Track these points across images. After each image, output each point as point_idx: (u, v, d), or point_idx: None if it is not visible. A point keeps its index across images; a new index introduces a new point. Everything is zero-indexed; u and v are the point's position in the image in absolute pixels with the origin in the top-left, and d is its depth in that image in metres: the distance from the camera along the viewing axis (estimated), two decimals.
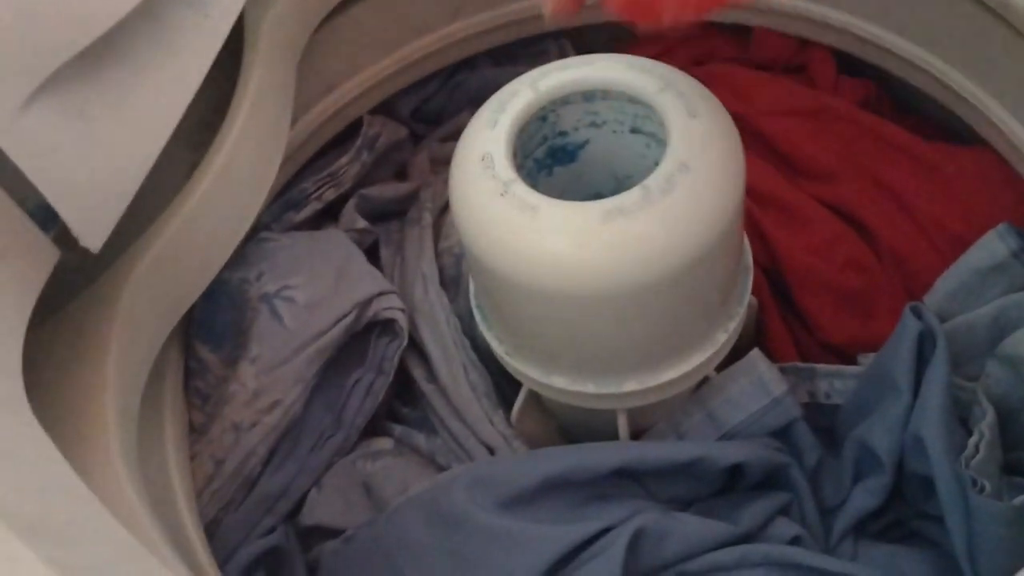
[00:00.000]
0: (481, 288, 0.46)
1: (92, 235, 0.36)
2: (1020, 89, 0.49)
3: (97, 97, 0.35)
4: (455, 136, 0.44)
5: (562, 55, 0.66)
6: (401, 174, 0.65)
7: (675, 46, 0.63)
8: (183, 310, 0.47)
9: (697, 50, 0.63)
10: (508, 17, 0.62)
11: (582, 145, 0.47)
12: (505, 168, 0.40)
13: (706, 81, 0.61)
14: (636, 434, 0.49)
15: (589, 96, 0.44)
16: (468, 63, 0.65)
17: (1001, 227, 0.48)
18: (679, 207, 0.39)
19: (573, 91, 0.43)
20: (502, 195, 0.40)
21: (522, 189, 0.39)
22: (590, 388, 0.44)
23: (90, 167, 0.35)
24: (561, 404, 0.47)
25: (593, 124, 0.46)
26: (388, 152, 0.63)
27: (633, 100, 0.43)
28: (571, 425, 0.54)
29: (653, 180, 0.39)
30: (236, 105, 0.48)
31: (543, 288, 0.40)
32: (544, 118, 0.44)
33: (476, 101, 0.66)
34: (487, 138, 0.41)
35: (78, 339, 0.41)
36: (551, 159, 0.47)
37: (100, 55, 0.35)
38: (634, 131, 0.45)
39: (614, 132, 0.46)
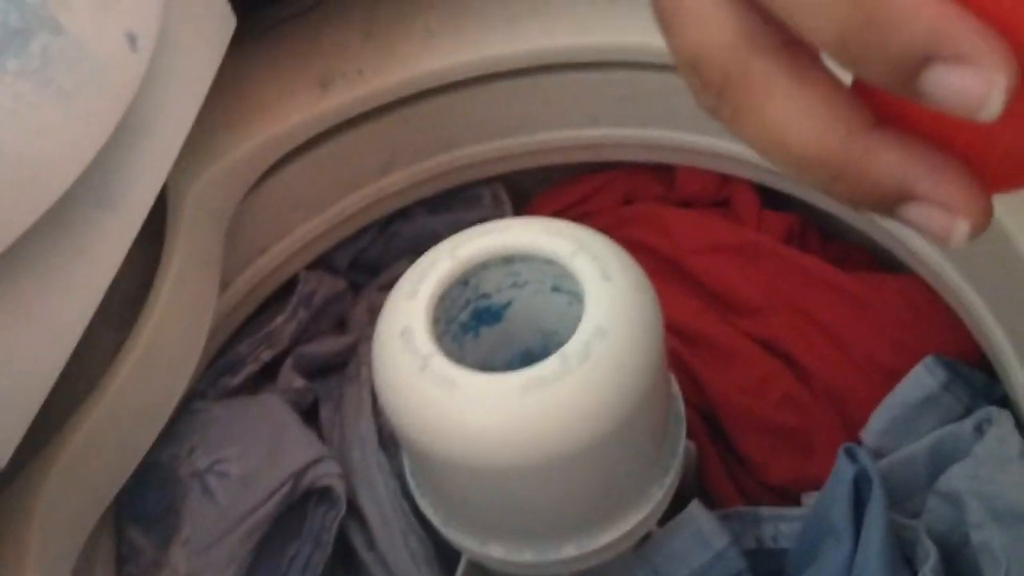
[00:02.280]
0: (410, 459, 0.46)
1: None
2: None
3: None
4: (393, 285, 0.44)
5: (495, 200, 0.67)
6: (340, 326, 0.65)
7: (603, 187, 0.64)
8: (110, 497, 0.45)
9: (624, 189, 0.64)
10: (440, 168, 0.63)
11: (506, 305, 0.47)
12: (424, 342, 0.40)
13: (633, 220, 0.62)
14: None
15: (508, 259, 0.44)
16: (403, 212, 0.66)
17: (928, 360, 0.48)
18: (598, 373, 0.38)
19: (492, 256, 0.44)
20: (421, 370, 0.39)
21: (441, 364, 0.39)
22: (528, 557, 0.43)
23: None
24: (500, 573, 0.46)
25: (515, 285, 0.46)
26: (326, 306, 0.63)
27: (550, 262, 0.43)
28: None
29: (571, 347, 0.39)
30: (159, 283, 0.48)
31: (468, 463, 0.39)
32: (466, 283, 0.45)
33: (413, 249, 0.67)
34: (406, 311, 0.41)
35: None
36: (476, 321, 0.47)
37: (1, 266, 0.34)
38: (555, 289, 0.46)
39: (536, 292, 0.46)
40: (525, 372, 0.38)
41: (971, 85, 0.16)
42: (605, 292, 0.40)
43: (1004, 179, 0.20)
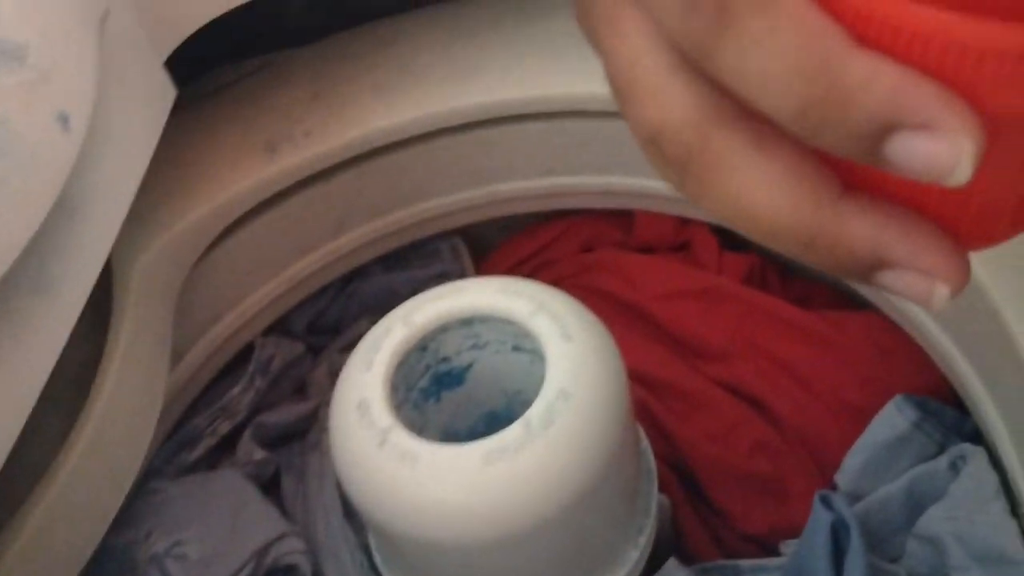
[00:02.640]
0: (373, 534, 0.44)
1: None
2: None
3: None
4: (354, 345, 0.43)
5: (455, 254, 0.66)
6: (300, 391, 0.63)
7: (562, 235, 0.64)
8: None
9: (584, 236, 0.63)
10: (395, 225, 0.62)
11: (467, 368, 0.46)
12: (382, 414, 0.39)
13: (594, 268, 0.62)
14: None
15: (467, 321, 0.43)
16: (360, 271, 0.65)
17: (898, 399, 0.48)
18: (564, 438, 0.37)
19: (449, 320, 0.43)
20: (380, 445, 0.38)
21: (400, 437, 0.38)
22: None
23: None
24: None
25: (475, 346, 0.45)
26: (284, 371, 0.62)
27: (509, 322, 0.42)
28: None
29: (534, 412, 0.38)
30: (107, 364, 0.46)
31: (431, 538, 0.38)
32: (424, 348, 0.43)
33: (373, 308, 0.66)
34: (363, 383, 0.40)
35: None
36: (437, 385, 0.45)
37: None
38: (516, 349, 0.45)
39: (497, 352, 0.45)
40: (487, 442, 0.37)
41: (938, 152, 0.16)
42: (567, 353, 0.39)
43: (979, 237, 0.20)
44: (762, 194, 0.19)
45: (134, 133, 0.44)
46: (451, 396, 0.46)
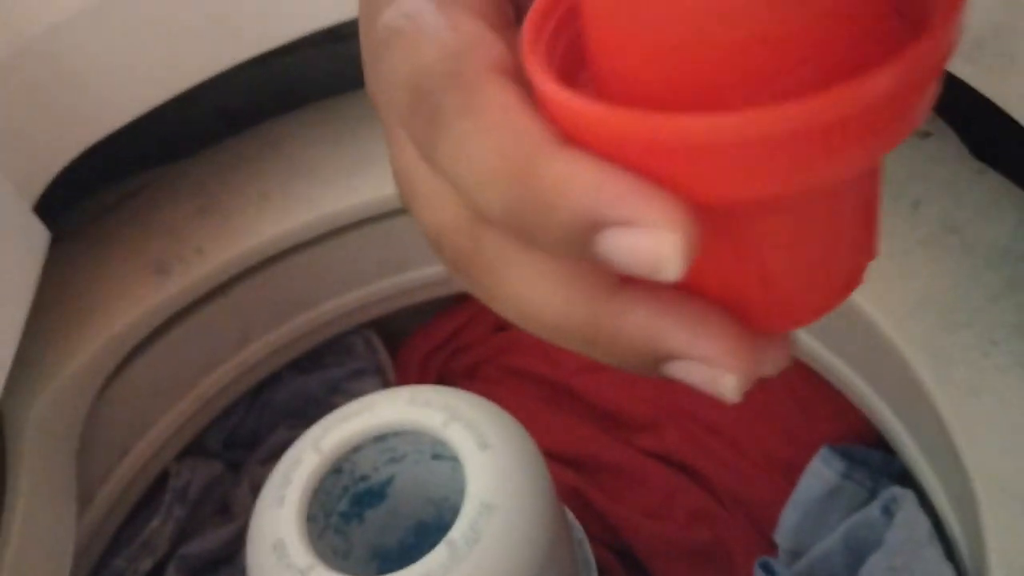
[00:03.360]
0: None
1: None
2: None
3: None
4: (276, 456, 0.41)
5: (368, 347, 0.65)
6: (224, 512, 0.61)
7: (474, 316, 0.63)
8: None
9: (496, 316, 0.62)
10: (302, 328, 0.61)
11: (388, 482, 0.44)
12: (301, 554, 0.37)
13: (511, 348, 0.61)
14: None
15: (380, 438, 0.42)
16: (273, 378, 0.63)
17: (823, 452, 0.47)
18: (490, 555, 0.36)
19: (362, 439, 0.41)
20: None
21: (323, 571, 0.36)
22: None
23: None
24: None
25: (393, 460, 0.43)
26: (204, 495, 0.59)
27: (423, 433, 0.41)
28: None
29: (457, 531, 0.36)
30: (7, 521, 0.44)
31: None
32: (339, 470, 0.42)
33: (289, 413, 0.64)
34: (276, 520, 0.38)
35: None
36: (358, 506, 0.44)
37: None
38: (436, 457, 0.43)
39: (416, 462, 0.44)
40: (412, 570, 0.36)
41: (642, 247, 0.15)
42: (485, 463, 0.38)
43: (778, 319, 0.19)
44: (537, 293, 0.18)
45: (9, 282, 0.42)
46: (375, 514, 0.44)
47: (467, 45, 0.17)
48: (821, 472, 0.47)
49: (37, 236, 0.44)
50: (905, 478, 0.48)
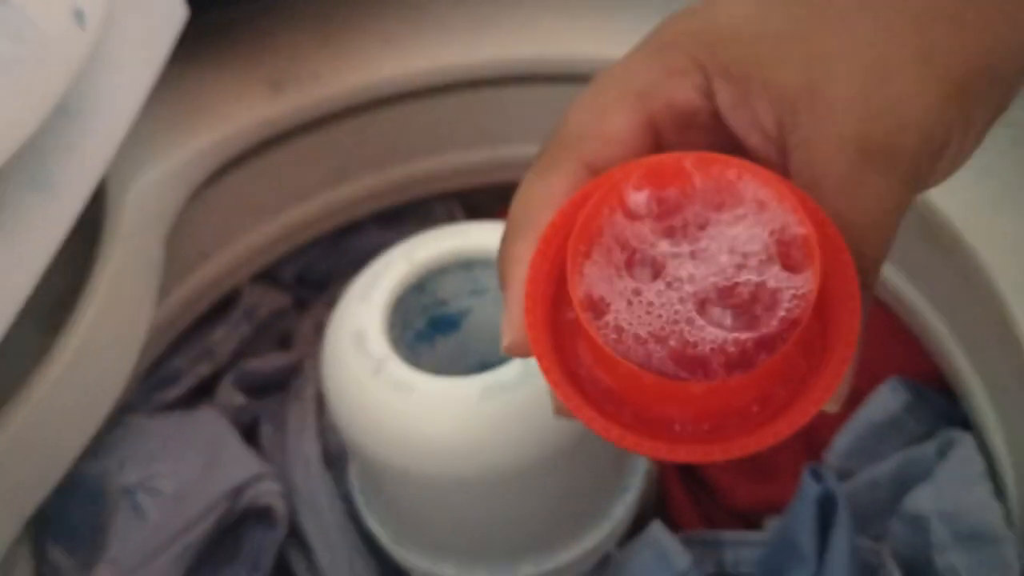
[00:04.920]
0: (360, 471, 0.43)
1: None
2: (901, 242, 0.50)
3: None
4: None
5: (451, 217, 0.65)
6: (284, 343, 0.62)
7: None
8: (31, 509, 0.42)
9: None
10: (393, 181, 0.61)
11: (464, 313, 0.45)
12: (379, 345, 0.38)
13: None
14: None
15: (467, 265, 0.43)
16: (354, 226, 0.64)
17: (892, 381, 0.47)
18: None
19: (450, 261, 0.42)
20: (375, 374, 0.37)
21: (397, 366, 0.37)
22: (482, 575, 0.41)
23: None
24: None
25: (474, 292, 0.44)
26: (269, 321, 0.61)
27: None
28: None
29: None
30: (93, 284, 0.45)
31: (423, 472, 0.37)
32: (422, 288, 0.43)
33: (362, 265, 0.65)
34: (359, 313, 0.39)
35: None
36: (432, 329, 0.45)
37: None
38: None
39: (496, 300, 0.44)
40: (485, 376, 0.37)
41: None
42: None
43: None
44: None
45: (144, 45, 0.43)
46: (445, 341, 0.45)
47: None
48: (886, 400, 0.47)
49: (176, 10, 0.45)
50: (964, 428, 0.48)
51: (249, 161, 0.56)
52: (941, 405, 0.49)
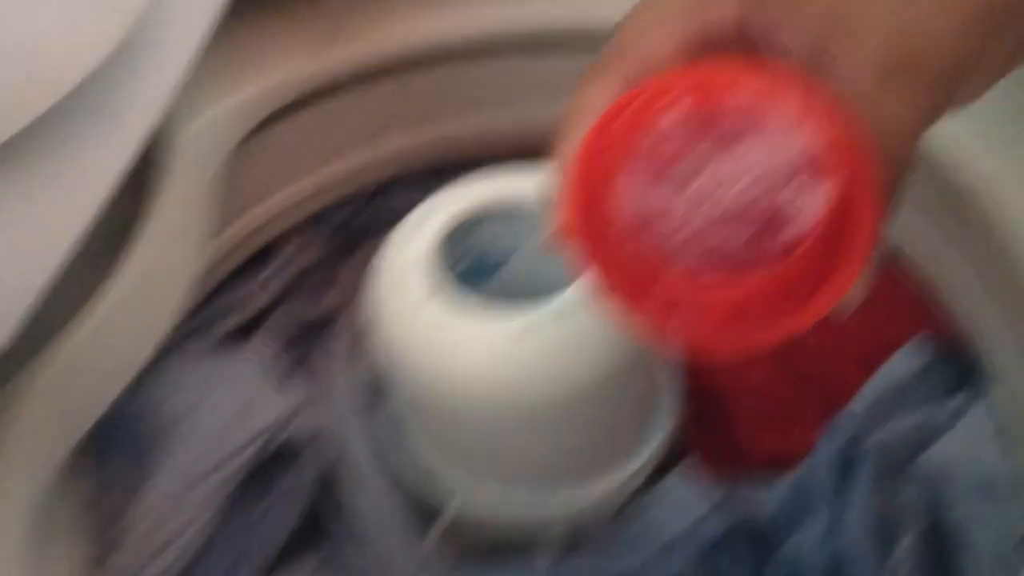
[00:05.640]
0: (403, 401, 0.45)
1: None
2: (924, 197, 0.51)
3: None
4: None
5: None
6: (321, 293, 0.64)
7: None
8: (79, 435, 0.44)
9: None
10: (432, 140, 0.63)
11: (504, 260, 0.46)
12: (422, 283, 0.40)
13: None
14: (567, 549, 0.47)
15: (509, 212, 0.44)
16: (392, 182, 0.65)
17: (918, 339, 0.49)
18: (594, 322, 0.38)
19: (493, 206, 0.44)
20: (418, 310, 0.39)
21: (439, 304, 0.39)
22: (518, 503, 0.43)
23: None
24: (490, 520, 0.45)
25: (514, 240, 0.46)
26: (308, 272, 0.62)
27: None
28: (496, 544, 0.51)
29: (569, 296, 0.39)
30: (145, 222, 0.47)
31: (460, 404, 0.39)
32: (464, 233, 0.44)
33: (400, 220, 0.67)
34: (405, 253, 0.41)
35: None
36: (472, 274, 0.46)
37: (5, 165, 0.33)
38: None
39: (536, 249, 0.46)
40: (525, 315, 0.38)
41: None
42: None
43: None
44: None
45: None
46: (486, 286, 0.47)
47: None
48: (910, 357, 0.48)
49: None
50: (984, 389, 0.49)
51: (293, 114, 0.57)
52: (964, 366, 0.50)
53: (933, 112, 0.25)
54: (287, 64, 0.55)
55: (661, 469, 0.46)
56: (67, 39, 0.31)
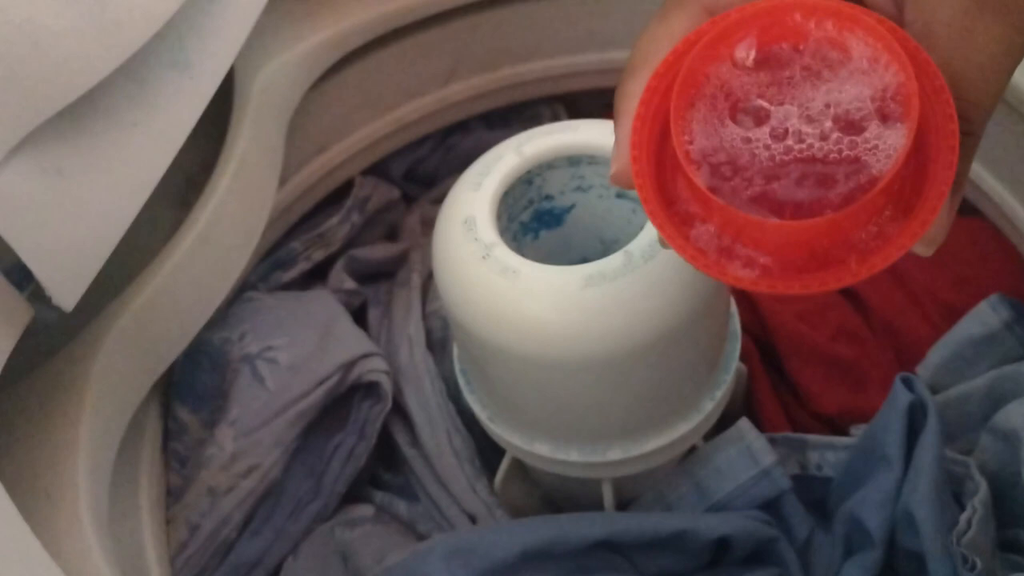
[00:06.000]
0: (464, 352, 0.46)
1: (66, 294, 0.35)
2: (1012, 159, 0.49)
3: (75, 155, 0.34)
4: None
5: (555, 120, 0.66)
6: (392, 235, 0.65)
7: None
8: (161, 370, 0.46)
9: None
10: (502, 82, 0.63)
11: (568, 209, 0.46)
12: (487, 231, 0.40)
13: None
14: (622, 504, 0.48)
15: (574, 161, 0.44)
16: (462, 126, 0.66)
17: (993, 298, 0.47)
18: (661, 273, 0.38)
19: (558, 156, 0.43)
20: (484, 258, 0.39)
21: (504, 252, 0.39)
22: (573, 456, 0.43)
23: (66, 226, 0.34)
24: (545, 472, 0.46)
25: (579, 188, 0.45)
26: (379, 213, 0.63)
27: None
28: (555, 493, 0.52)
29: (635, 246, 0.38)
30: (222, 164, 0.48)
31: (523, 353, 0.39)
32: (530, 182, 0.44)
33: (469, 164, 0.67)
34: (470, 201, 0.41)
35: (51, 398, 0.40)
36: (537, 223, 0.46)
37: (80, 114, 0.34)
38: (620, 196, 0.45)
39: (600, 197, 0.46)
40: (589, 266, 0.38)
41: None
42: None
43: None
44: None
45: None
46: (549, 236, 0.47)
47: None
48: (985, 315, 0.47)
49: None
50: None
51: (365, 57, 0.58)
52: None
53: (1019, 47, 0.24)
54: (359, 7, 0.55)
55: (721, 425, 0.46)
56: None
